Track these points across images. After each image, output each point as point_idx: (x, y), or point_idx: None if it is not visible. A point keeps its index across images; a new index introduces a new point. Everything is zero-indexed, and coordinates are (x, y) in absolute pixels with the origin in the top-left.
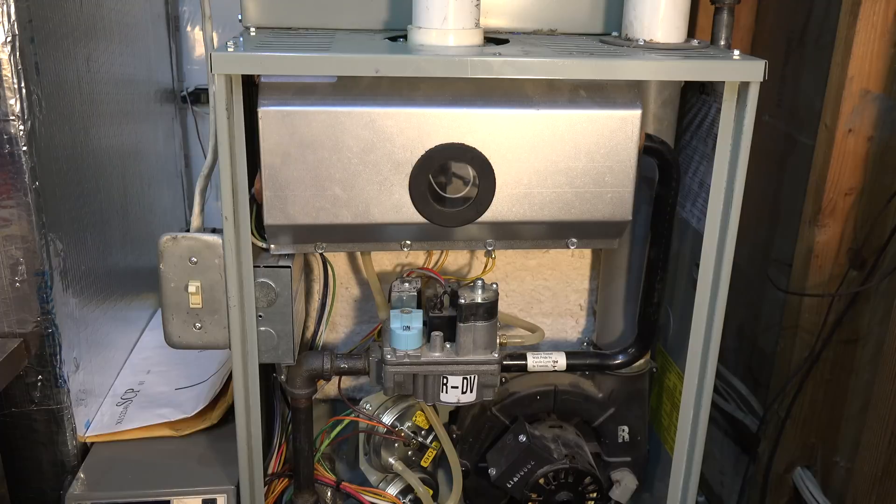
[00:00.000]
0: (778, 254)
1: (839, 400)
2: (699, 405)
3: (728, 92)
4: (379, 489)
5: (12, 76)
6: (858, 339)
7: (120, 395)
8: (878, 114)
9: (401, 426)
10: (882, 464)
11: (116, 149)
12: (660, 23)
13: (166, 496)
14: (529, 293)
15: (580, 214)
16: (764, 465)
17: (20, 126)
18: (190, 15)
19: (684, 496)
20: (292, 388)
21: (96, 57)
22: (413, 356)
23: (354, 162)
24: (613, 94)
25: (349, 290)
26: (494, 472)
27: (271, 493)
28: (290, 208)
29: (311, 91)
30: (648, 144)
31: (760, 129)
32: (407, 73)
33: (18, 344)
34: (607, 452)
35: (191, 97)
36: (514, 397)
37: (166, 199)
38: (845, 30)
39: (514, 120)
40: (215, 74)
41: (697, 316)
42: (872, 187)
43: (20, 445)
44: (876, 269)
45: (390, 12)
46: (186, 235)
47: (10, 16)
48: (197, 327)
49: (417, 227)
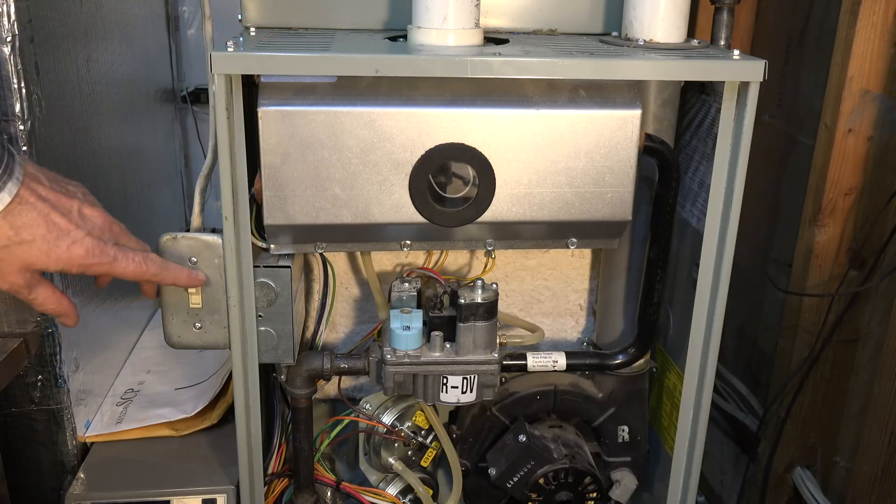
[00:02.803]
0: (778, 254)
1: (839, 400)
2: (699, 405)
3: (728, 92)
4: (379, 489)
5: (12, 76)
6: (858, 339)
7: (120, 395)
8: (878, 114)
9: (401, 426)
10: (882, 464)
11: (116, 149)
12: (660, 23)
13: (166, 496)
14: (529, 293)
15: (580, 214)
16: (764, 465)
17: (20, 126)
18: (190, 15)
19: (684, 496)
20: (292, 388)
21: (96, 57)
22: (413, 356)
23: (354, 162)
24: (613, 94)
25: (349, 290)
26: (494, 472)
27: (271, 493)
28: (290, 208)
29: (311, 91)
30: (648, 144)
31: (760, 129)
32: (407, 73)
33: (18, 344)
34: (607, 452)
35: (191, 97)
36: (514, 397)
37: (166, 199)
38: (845, 30)
39: (514, 120)
40: (215, 74)
41: (697, 316)
42: (872, 187)
43: (20, 445)
44: (876, 268)
45: (390, 12)
46: (186, 235)
47: (9, 16)
48: (197, 327)
49: (417, 227)
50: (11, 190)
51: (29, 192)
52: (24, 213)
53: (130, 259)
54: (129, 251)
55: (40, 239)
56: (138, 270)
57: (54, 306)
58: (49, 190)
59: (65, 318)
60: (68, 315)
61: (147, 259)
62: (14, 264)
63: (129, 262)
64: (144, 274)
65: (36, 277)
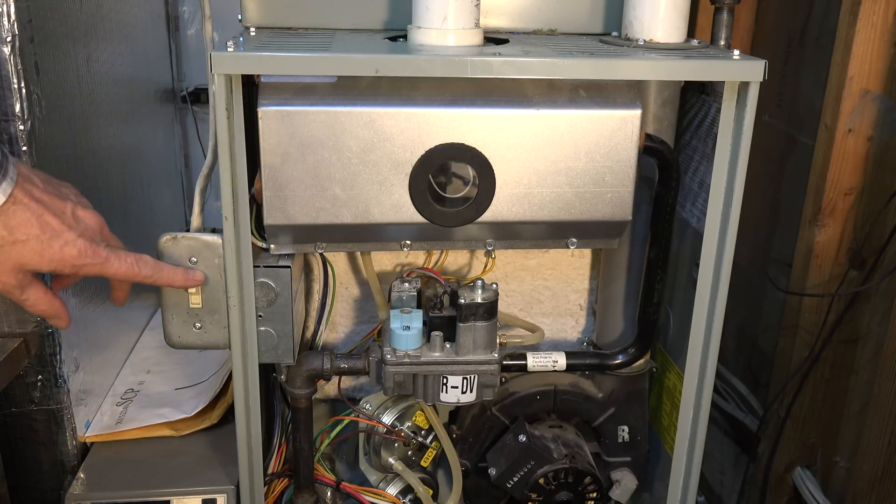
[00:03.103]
0: (778, 254)
1: (839, 400)
2: (699, 405)
3: (728, 92)
4: (379, 489)
5: (12, 76)
6: (858, 339)
7: (120, 395)
8: (878, 114)
9: (401, 426)
10: (882, 464)
11: (116, 149)
12: (660, 23)
13: (166, 496)
14: (529, 293)
15: (580, 214)
16: (764, 465)
17: (20, 126)
18: (190, 15)
19: (684, 496)
20: (292, 388)
21: (96, 57)
22: (413, 356)
23: (354, 162)
24: (613, 94)
25: (349, 290)
26: (494, 471)
27: (271, 493)
28: (290, 208)
29: (310, 91)
30: (648, 144)
31: (760, 129)
32: (407, 73)
33: (18, 344)
34: (607, 452)
35: (191, 97)
36: (514, 397)
37: (166, 199)
38: (845, 30)
39: (514, 120)
40: (215, 74)
41: (697, 316)
42: (872, 187)
43: (20, 445)
44: (876, 268)
45: (390, 12)
46: (186, 235)
47: (9, 16)
48: (197, 327)
49: (417, 227)
50: (6, 190)
51: (23, 193)
52: (18, 213)
53: (122, 260)
54: (122, 252)
55: (34, 239)
56: (130, 272)
57: (46, 307)
58: (42, 191)
59: (56, 319)
60: (60, 317)
61: (140, 260)
62: (7, 264)
63: (122, 262)
64: (137, 275)
65: (28, 278)
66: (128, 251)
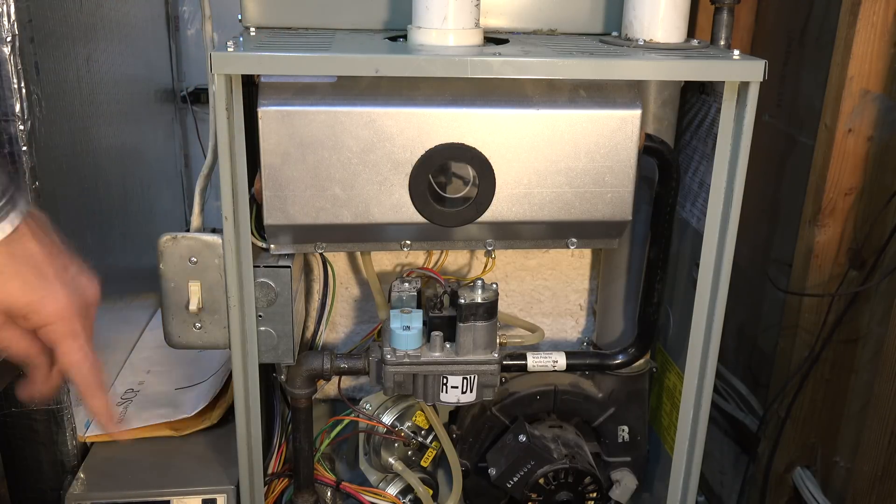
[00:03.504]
0: (778, 254)
1: (839, 400)
2: (699, 405)
3: (728, 92)
4: (379, 489)
5: (12, 76)
6: (858, 339)
7: (120, 395)
8: (878, 114)
9: (401, 426)
10: (882, 464)
11: (116, 149)
12: (660, 23)
13: (166, 496)
14: (529, 293)
15: (580, 214)
16: (764, 465)
17: (20, 126)
18: (190, 15)
19: (684, 496)
20: (292, 388)
21: (96, 57)
22: (413, 356)
23: (354, 162)
24: (613, 94)
25: (349, 290)
26: (494, 471)
27: (271, 493)
28: (290, 208)
29: (310, 91)
30: (648, 144)
31: (760, 129)
32: (407, 73)
33: None
34: (607, 452)
35: (191, 97)
36: (514, 397)
37: (166, 199)
38: (845, 30)
39: (514, 120)
40: (215, 74)
41: (697, 316)
42: (872, 187)
43: (20, 445)
44: (876, 269)
45: (390, 12)
46: (186, 235)
47: (9, 16)
48: (197, 327)
49: (417, 227)
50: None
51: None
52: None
53: (84, 349)
54: (88, 342)
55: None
56: (81, 363)
57: None
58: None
59: None
60: None
61: (96, 364)
62: None
63: (82, 350)
64: (79, 372)
65: None
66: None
